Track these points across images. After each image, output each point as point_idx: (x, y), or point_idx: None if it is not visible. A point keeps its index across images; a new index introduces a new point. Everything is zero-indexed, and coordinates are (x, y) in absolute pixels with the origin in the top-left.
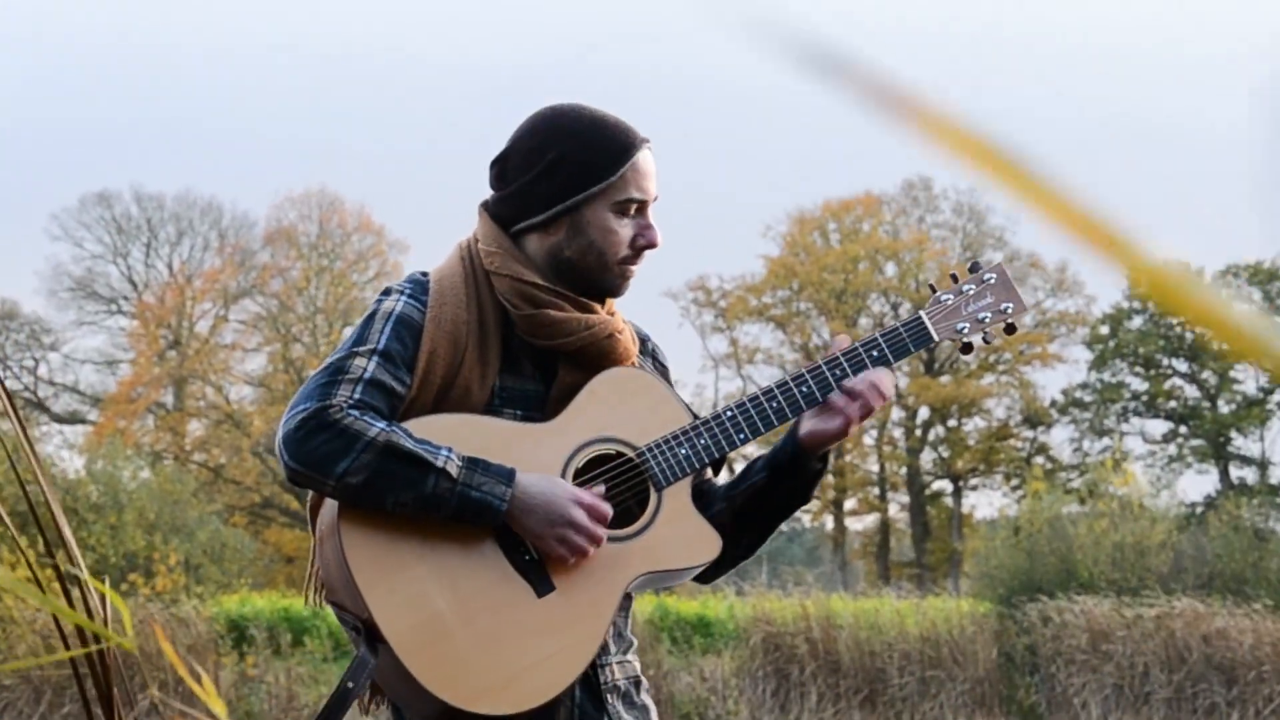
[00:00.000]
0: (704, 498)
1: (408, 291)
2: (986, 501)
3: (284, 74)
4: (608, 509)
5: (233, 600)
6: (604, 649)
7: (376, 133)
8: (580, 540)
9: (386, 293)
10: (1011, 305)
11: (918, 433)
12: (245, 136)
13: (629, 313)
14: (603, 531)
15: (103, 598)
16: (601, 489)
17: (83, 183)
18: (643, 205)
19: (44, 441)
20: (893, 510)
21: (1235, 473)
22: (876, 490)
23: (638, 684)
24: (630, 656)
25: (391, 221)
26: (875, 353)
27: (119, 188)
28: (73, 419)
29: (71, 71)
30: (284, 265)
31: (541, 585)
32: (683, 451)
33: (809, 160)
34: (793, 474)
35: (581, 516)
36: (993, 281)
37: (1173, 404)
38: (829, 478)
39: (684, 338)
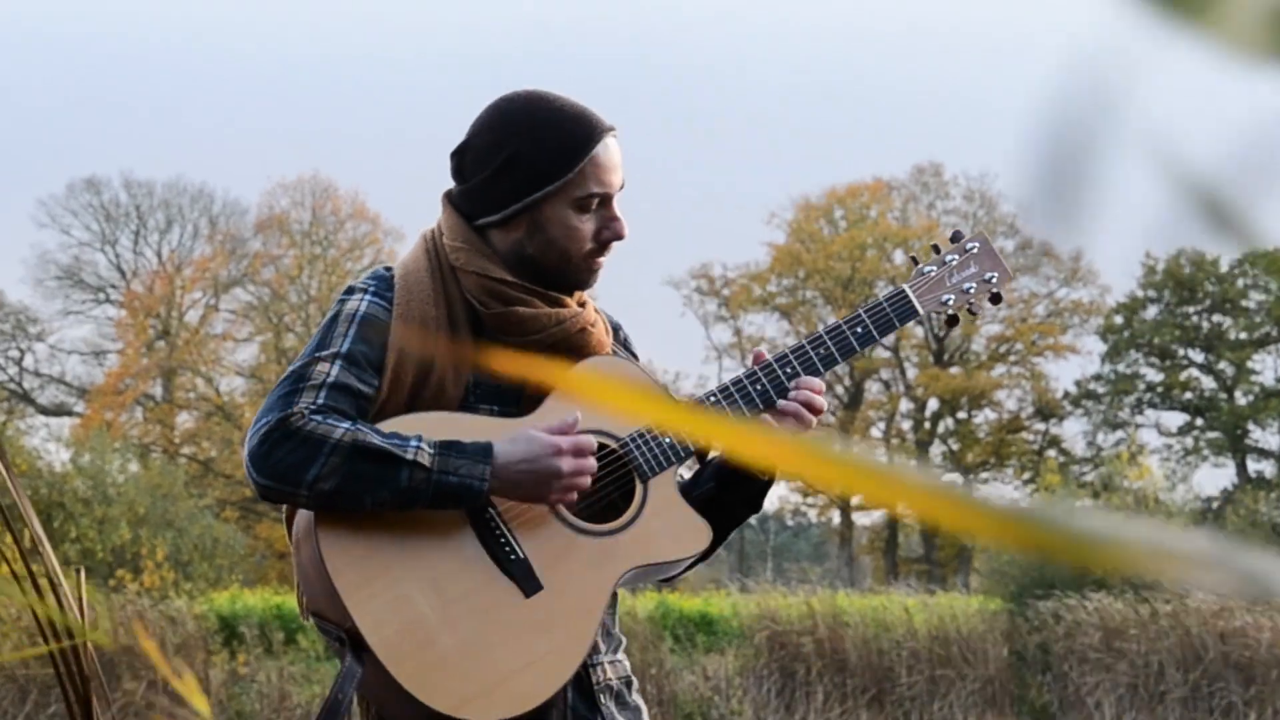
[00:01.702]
0: None
1: (371, 289)
2: (997, 496)
3: (278, 57)
4: (590, 441)
5: (223, 597)
6: (594, 648)
7: (371, 117)
8: (579, 481)
9: (349, 292)
10: (996, 274)
11: (927, 425)
12: (237, 121)
13: (630, 302)
14: (592, 462)
15: (82, 595)
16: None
17: (70, 168)
18: (606, 198)
19: (30, 434)
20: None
21: (1253, 466)
22: None
23: (629, 684)
24: (620, 655)
25: (387, 208)
26: (860, 329)
27: (107, 174)
28: (59, 411)
29: (59, 55)
30: (276, 253)
31: (529, 584)
32: (667, 440)
33: (815, 145)
34: (740, 486)
35: (568, 464)
36: (975, 251)
37: (1189, 395)
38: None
39: (687, 327)
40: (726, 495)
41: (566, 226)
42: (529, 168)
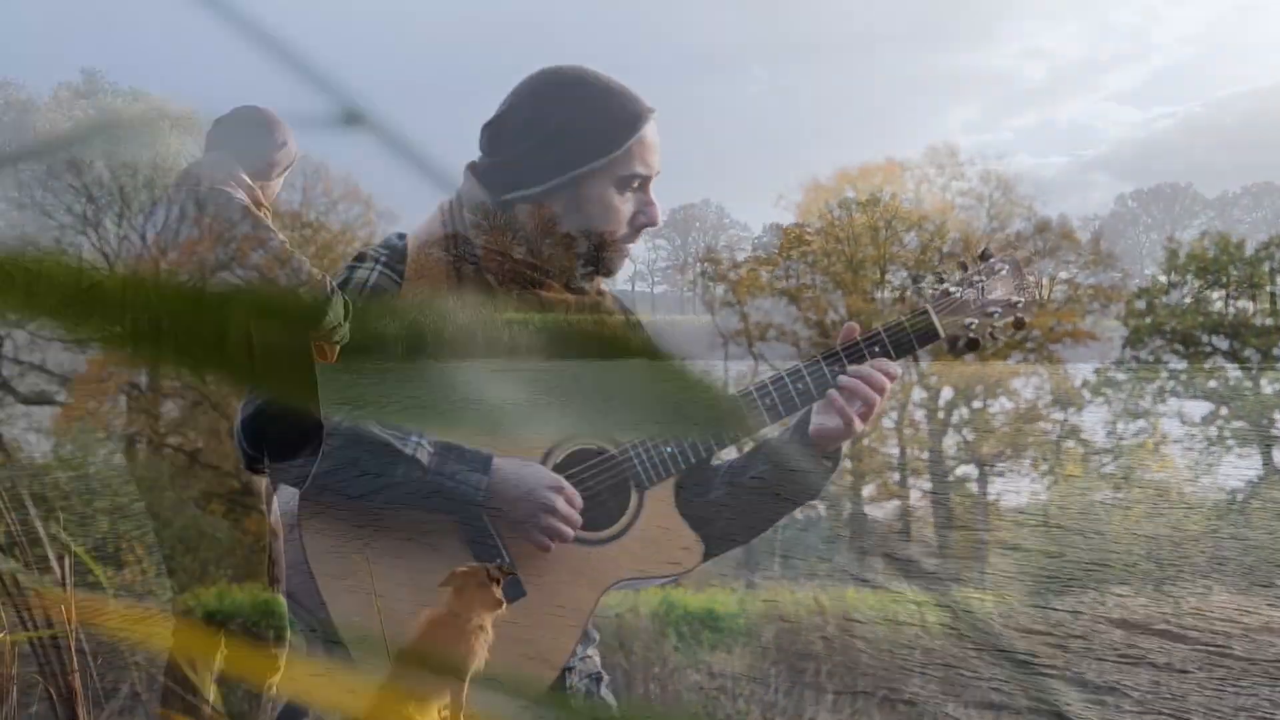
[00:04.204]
0: (704, 477)
1: (383, 260)
2: (1014, 488)
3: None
4: (579, 500)
5: (210, 593)
6: None
7: (365, 94)
8: (562, 527)
9: (360, 259)
10: (1023, 299)
11: (940, 415)
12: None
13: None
14: (578, 518)
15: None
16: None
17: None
18: (645, 181)
19: (9, 424)
20: (914, 497)
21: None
22: (896, 476)
23: (598, 680)
24: (591, 651)
25: (381, 190)
26: (877, 348)
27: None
28: (40, 400)
29: (41, 33)
30: (265, 236)
31: (512, 590)
32: (668, 450)
33: (824, 126)
34: (799, 472)
35: (562, 503)
36: (1004, 273)
37: (1213, 384)
38: (845, 462)
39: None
40: (783, 482)
41: (606, 205)
42: (578, 140)
